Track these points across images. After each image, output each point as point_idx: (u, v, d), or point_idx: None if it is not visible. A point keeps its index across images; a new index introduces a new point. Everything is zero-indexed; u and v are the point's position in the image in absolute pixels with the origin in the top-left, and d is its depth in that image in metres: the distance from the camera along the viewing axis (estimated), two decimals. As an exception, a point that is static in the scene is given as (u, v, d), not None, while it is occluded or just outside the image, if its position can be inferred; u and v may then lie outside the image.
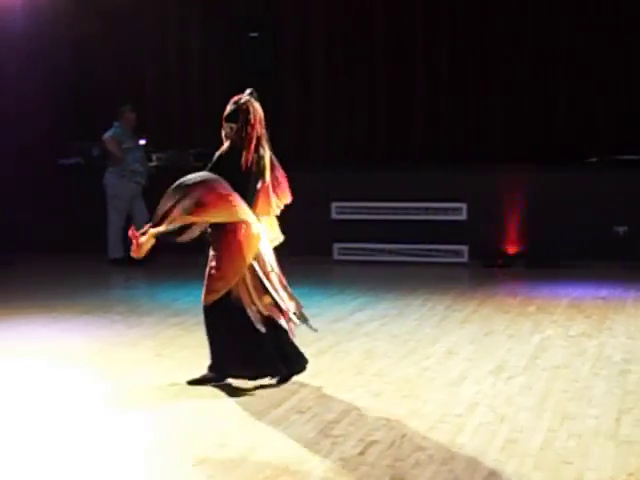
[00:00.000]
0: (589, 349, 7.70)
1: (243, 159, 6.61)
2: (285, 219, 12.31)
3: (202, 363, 7.31)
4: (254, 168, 6.68)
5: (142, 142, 12.84)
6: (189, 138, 14.10)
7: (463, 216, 12.40)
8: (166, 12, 14.24)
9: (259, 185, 6.74)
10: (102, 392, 6.63)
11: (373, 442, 5.51)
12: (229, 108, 6.73)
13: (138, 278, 11.95)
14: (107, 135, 12.40)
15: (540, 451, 5.33)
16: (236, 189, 6.55)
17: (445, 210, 12.41)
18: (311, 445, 5.48)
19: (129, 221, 12.47)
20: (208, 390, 6.62)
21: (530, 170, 12.43)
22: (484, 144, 13.24)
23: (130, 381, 6.90)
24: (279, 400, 6.36)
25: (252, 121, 6.66)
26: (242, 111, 6.67)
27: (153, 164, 13.15)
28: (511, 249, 12.30)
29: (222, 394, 6.53)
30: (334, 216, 12.74)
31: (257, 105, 6.75)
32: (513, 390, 6.57)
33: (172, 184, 6.67)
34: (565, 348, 7.76)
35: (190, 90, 14.29)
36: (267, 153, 6.77)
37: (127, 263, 12.32)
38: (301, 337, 8.10)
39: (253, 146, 6.65)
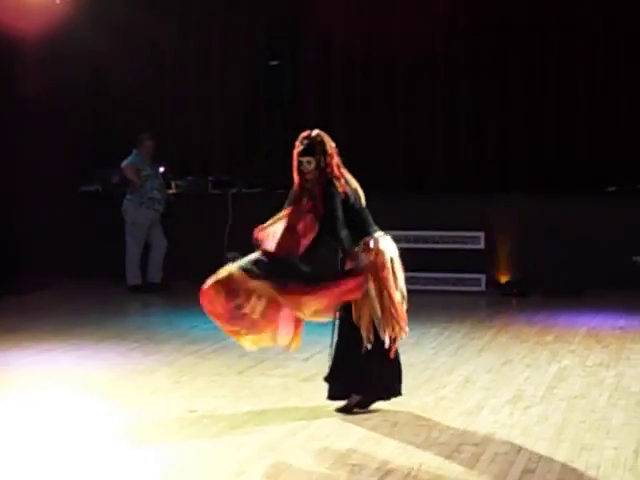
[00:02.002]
0: (607, 379, 7.68)
1: (339, 186, 6.67)
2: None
3: (219, 390, 7.37)
4: (349, 191, 6.74)
5: (161, 170, 12.90)
6: (208, 166, 14.18)
7: (481, 245, 12.39)
8: (186, 41, 14.32)
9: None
10: (119, 420, 6.64)
11: (390, 471, 5.51)
12: (303, 144, 6.70)
13: (156, 305, 11.98)
14: (125, 162, 12.47)
15: (557, 482, 5.33)
16: (346, 214, 6.64)
17: (463, 239, 12.41)
18: (328, 473, 5.49)
19: (147, 248, 12.56)
20: (225, 418, 6.63)
21: (548, 199, 12.42)
22: (503, 173, 13.25)
23: (147, 409, 6.91)
24: (297, 428, 6.36)
25: (330, 150, 6.72)
26: (318, 143, 6.71)
27: (172, 191, 13.21)
28: (529, 278, 12.27)
29: (240, 422, 6.54)
30: (353, 244, 12.73)
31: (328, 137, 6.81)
32: (530, 420, 6.55)
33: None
34: (583, 378, 7.74)
35: (209, 118, 14.36)
36: (351, 178, 6.84)
37: (145, 290, 12.41)
38: (319, 366, 8.14)
39: (338, 172, 6.72)
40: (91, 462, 5.76)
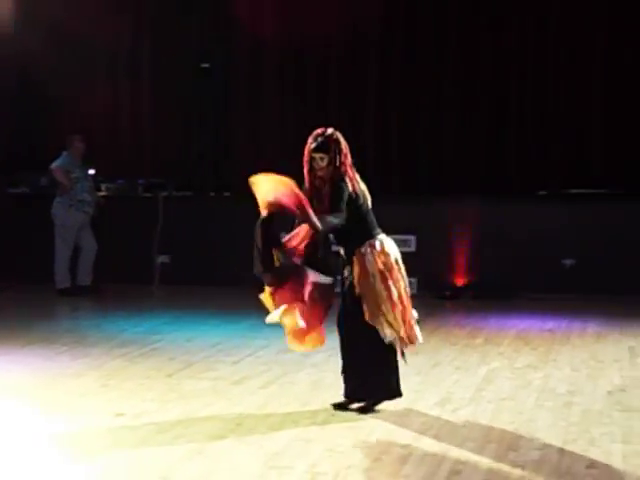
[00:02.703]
0: (534, 381, 7.75)
1: (350, 185, 6.72)
2: (235, 249, 12.30)
3: (147, 394, 7.31)
4: (359, 191, 6.81)
5: (91, 172, 12.78)
6: (138, 168, 14.07)
7: (412, 248, 12.42)
8: (117, 43, 14.21)
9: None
10: (45, 425, 6.55)
11: (318, 473, 5.49)
12: (317, 140, 6.75)
13: (85, 308, 11.85)
14: (55, 164, 12.33)
15: (484, 482, 5.36)
16: (354, 214, 6.71)
17: (394, 242, 12.41)
18: (256, 477, 5.46)
19: (77, 251, 12.43)
20: (153, 422, 6.57)
21: (479, 202, 12.52)
22: (434, 176, 13.33)
23: (74, 413, 6.82)
24: (225, 431, 6.33)
25: (344, 150, 6.76)
26: (333, 141, 6.76)
27: (102, 194, 13.10)
28: (460, 281, 12.36)
29: (168, 425, 6.47)
30: (285, 248, 12.71)
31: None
32: (458, 422, 6.59)
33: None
34: (511, 380, 7.80)
35: (140, 120, 14.26)
36: (360, 180, 6.89)
37: (74, 293, 12.27)
38: (249, 369, 8.13)
39: (352, 171, 6.78)
40: (14, 467, 5.67)
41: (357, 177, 6.86)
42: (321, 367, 8.25)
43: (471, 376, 7.94)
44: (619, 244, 11.97)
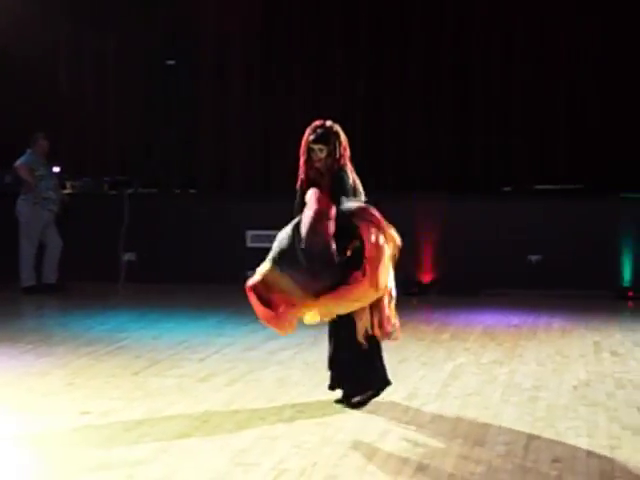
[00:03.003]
0: (500, 376, 7.78)
1: (351, 179, 6.74)
2: (201, 247, 12.25)
3: (113, 392, 7.28)
4: (355, 186, 6.81)
5: (56, 169, 12.71)
6: (104, 166, 14.01)
7: (379, 244, 12.42)
8: (82, 40, 14.13)
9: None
10: (9, 424, 6.51)
11: (285, 470, 5.48)
12: (317, 132, 6.77)
13: (51, 306, 11.77)
14: (19, 162, 12.26)
15: (449, 477, 5.36)
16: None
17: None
18: (222, 474, 5.44)
19: (42, 249, 12.36)
20: (118, 420, 6.54)
21: (446, 199, 12.55)
22: (400, 172, 13.35)
23: (39, 412, 6.77)
24: (191, 429, 6.31)
25: (344, 142, 6.79)
26: (333, 133, 6.78)
27: (67, 192, 13.03)
28: (426, 277, 12.38)
29: (134, 424, 6.44)
30: (249, 244, 12.72)
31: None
32: (425, 417, 6.60)
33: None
34: (477, 375, 7.82)
35: (106, 118, 14.19)
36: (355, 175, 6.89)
37: (40, 291, 12.20)
38: (215, 366, 8.11)
39: (350, 164, 6.79)
40: (-21, 467, 5.64)
41: (354, 173, 6.87)
42: (287, 364, 8.24)
43: (438, 372, 7.96)
44: (584, 240, 12.03)
